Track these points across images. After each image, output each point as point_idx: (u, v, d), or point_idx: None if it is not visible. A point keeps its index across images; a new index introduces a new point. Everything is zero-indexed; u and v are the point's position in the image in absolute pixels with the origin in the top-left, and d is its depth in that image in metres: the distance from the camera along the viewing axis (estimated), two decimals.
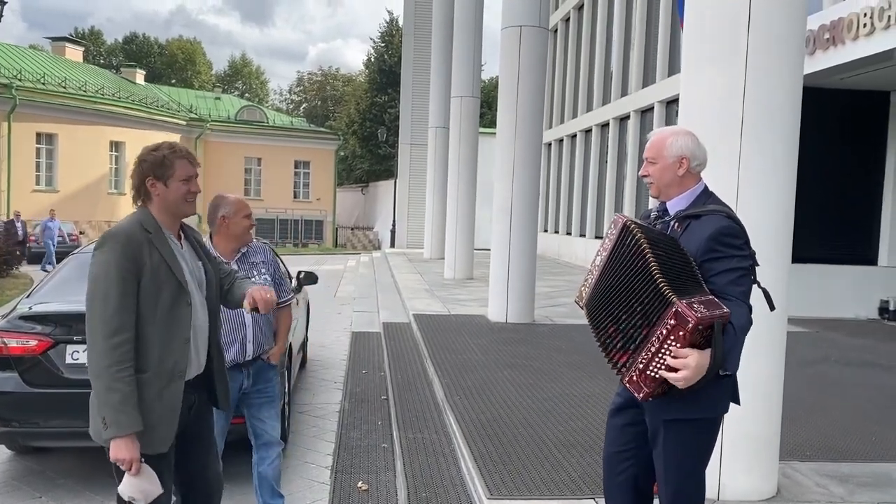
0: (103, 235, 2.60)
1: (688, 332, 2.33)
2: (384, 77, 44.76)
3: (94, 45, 62.12)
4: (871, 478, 4.39)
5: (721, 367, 2.38)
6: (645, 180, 2.75)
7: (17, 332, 4.46)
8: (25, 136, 27.99)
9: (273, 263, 3.80)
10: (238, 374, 3.62)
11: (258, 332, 3.66)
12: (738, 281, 2.47)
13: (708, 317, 2.35)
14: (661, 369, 2.40)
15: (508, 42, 10.10)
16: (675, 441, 2.60)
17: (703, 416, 2.59)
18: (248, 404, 3.74)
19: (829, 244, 11.60)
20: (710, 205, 2.63)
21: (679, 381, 2.36)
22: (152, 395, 2.53)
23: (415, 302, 11.78)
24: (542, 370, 7.11)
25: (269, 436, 3.76)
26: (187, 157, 2.67)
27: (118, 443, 2.43)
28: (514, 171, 10.01)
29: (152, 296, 2.53)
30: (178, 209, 2.67)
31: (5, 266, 16.55)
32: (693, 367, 2.34)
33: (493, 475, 4.28)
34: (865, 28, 9.12)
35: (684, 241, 2.55)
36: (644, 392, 2.48)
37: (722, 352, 2.36)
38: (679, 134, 2.71)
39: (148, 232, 2.58)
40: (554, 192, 24.83)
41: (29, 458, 5.14)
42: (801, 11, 3.90)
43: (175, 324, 2.58)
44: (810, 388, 6.73)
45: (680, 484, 2.64)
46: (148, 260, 2.53)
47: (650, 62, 17.29)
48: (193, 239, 2.83)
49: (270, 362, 3.76)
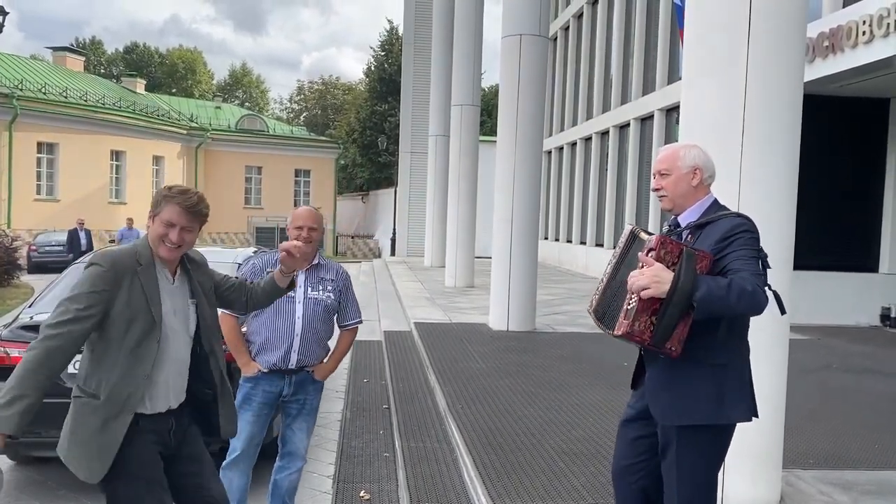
0: (97, 253, 2.68)
1: (653, 248, 2.39)
2: (384, 86, 44.86)
3: (94, 55, 62.31)
4: (875, 485, 4.38)
5: (688, 292, 2.34)
6: (657, 194, 2.77)
7: (20, 342, 4.46)
8: (26, 146, 28.04)
9: (344, 286, 3.81)
10: (279, 380, 3.67)
11: (305, 344, 3.66)
12: (749, 263, 2.46)
13: (676, 242, 2.42)
14: (635, 295, 2.41)
15: (508, 51, 10.13)
16: (687, 449, 2.58)
17: (716, 422, 2.58)
18: (285, 412, 3.80)
19: (831, 251, 11.60)
20: (721, 212, 2.66)
21: (640, 282, 2.36)
22: (96, 425, 2.56)
23: (416, 310, 11.77)
24: (543, 378, 7.10)
25: (294, 446, 3.79)
26: (181, 205, 2.63)
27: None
28: (515, 180, 10.03)
29: (123, 325, 2.56)
30: (156, 247, 2.68)
31: (6, 276, 16.57)
32: (651, 273, 2.35)
33: (495, 484, 4.27)
34: (864, 36, 9.15)
35: (698, 245, 2.56)
36: (625, 326, 2.45)
37: (691, 278, 2.34)
38: (690, 147, 2.77)
39: (139, 263, 2.63)
40: (554, 200, 24.86)
41: (30, 468, 5.13)
42: (800, 21, 3.92)
43: (139, 357, 2.59)
44: (812, 395, 6.72)
45: (692, 495, 2.62)
46: (126, 289, 2.57)
47: (650, 70, 17.34)
48: (196, 279, 2.82)
49: (316, 377, 3.77)
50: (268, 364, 3.63)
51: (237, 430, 3.02)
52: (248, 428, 3.64)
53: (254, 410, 3.68)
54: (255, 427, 3.70)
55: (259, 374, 3.65)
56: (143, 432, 2.65)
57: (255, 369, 3.65)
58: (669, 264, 2.39)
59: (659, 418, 2.64)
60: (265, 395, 3.68)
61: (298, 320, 3.62)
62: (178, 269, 2.78)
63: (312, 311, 3.65)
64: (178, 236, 2.64)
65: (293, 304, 3.62)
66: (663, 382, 2.61)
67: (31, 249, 23.16)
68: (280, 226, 38.62)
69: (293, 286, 3.16)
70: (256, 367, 3.65)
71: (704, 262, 2.44)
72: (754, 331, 3.77)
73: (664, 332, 2.41)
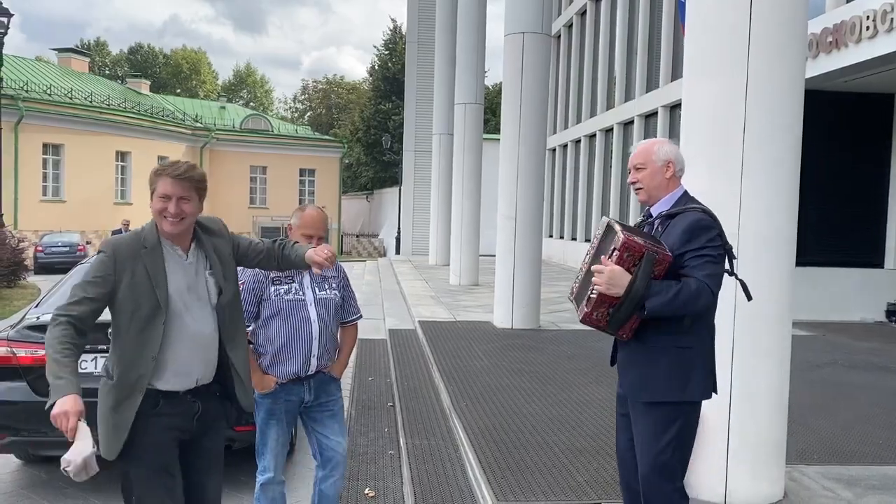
0: (103, 240, 2.77)
1: (617, 249, 2.59)
2: (388, 84, 44.87)
3: (99, 56, 62.51)
4: (879, 481, 4.38)
5: (640, 297, 2.58)
6: (634, 187, 2.96)
7: (27, 342, 4.49)
8: (32, 147, 28.15)
9: (344, 282, 3.73)
10: (298, 388, 3.49)
11: (323, 346, 3.50)
12: (703, 265, 2.69)
13: (640, 244, 2.59)
14: (594, 290, 2.64)
15: (511, 49, 10.13)
16: (652, 424, 2.78)
17: (681, 399, 2.76)
18: (312, 419, 3.60)
19: (835, 247, 11.58)
20: (689, 205, 2.84)
21: (598, 282, 2.62)
22: (111, 404, 2.63)
23: (420, 308, 11.80)
24: (548, 376, 7.11)
25: (332, 452, 3.59)
26: (171, 175, 2.67)
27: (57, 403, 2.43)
28: (519, 178, 10.03)
29: (128, 309, 2.62)
30: (160, 224, 2.72)
31: (13, 276, 16.64)
32: (608, 272, 2.59)
33: (500, 481, 4.28)
34: (868, 31, 9.12)
35: (665, 238, 2.77)
36: (584, 313, 2.73)
37: (645, 283, 2.58)
38: (663, 142, 2.98)
39: (144, 247, 2.68)
40: (558, 198, 24.84)
41: (37, 467, 5.17)
42: (802, 18, 3.92)
43: (146, 340, 2.64)
44: (816, 391, 6.72)
45: (653, 469, 2.77)
46: (129, 273, 2.62)
47: (653, 67, 17.31)
48: (211, 248, 2.84)
49: (333, 375, 3.63)
50: (286, 374, 3.42)
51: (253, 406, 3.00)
52: (275, 446, 3.47)
53: (281, 427, 3.48)
54: (284, 440, 3.52)
55: (277, 387, 3.43)
56: (161, 415, 2.67)
57: (272, 384, 3.41)
58: (629, 266, 2.59)
59: (627, 394, 2.88)
60: (287, 405, 3.48)
61: (315, 323, 3.45)
62: (193, 244, 2.80)
63: (325, 312, 3.52)
64: (177, 207, 2.66)
65: (305, 307, 3.45)
66: (633, 361, 2.84)
67: (37, 250, 23.25)
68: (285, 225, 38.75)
69: None
70: (273, 380, 3.41)
71: (663, 265, 2.64)
72: (757, 327, 3.81)
73: (617, 323, 2.70)
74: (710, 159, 3.87)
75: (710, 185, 3.80)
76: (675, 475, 2.80)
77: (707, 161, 3.88)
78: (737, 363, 3.80)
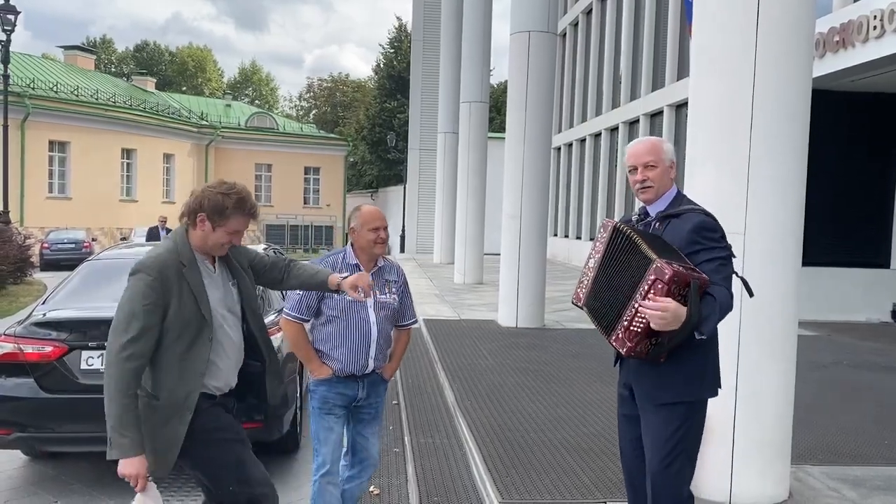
0: (138, 262, 2.66)
1: (664, 283, 2.49)
2: (393, 83, 44.85)
3: (105, 54, 62.64)
4: (884, 481, 4.37)
5: (696, 326, 2.52)
6: (642, 185, 2.90)
7: (33, 339, 4.51)
8: (38, 144, 28.26)
9: (404, 287, 3.72)
10: (354, 384, 3.52)
11: (379, 349, 3.54)
12: (719, 269, 2.67)
13: (685, 273, 2.51)
14: (642, 322, 2.55)
15: (517, 47, 10.13)
16: (664, 424, 2.75)
17: (699, 398, 2.77)
18: (357, 418, 3.63)
19: (841, 247, 11.55)
20: (685, 205, 2.85)
21: (658, 322, 2.48)
22: (159, 421, 2.63)
23: (425, 307, 11.80)
24: (553, 375, 7.11)
25: (368, 453, 3.65)
26: (250, 215, 2.74)
27: (124, 462, 2.53)
28: (524, 176, 10.04)
29: (177, 329, 2.63)
30: (211, 250, 2.76)
31: (19, 273, 16.71)
32: (671, 310, 2.48)
33: (504, 479, 4.29)
34: (875, 30, 9.09)
35: (667, 237, 2.75)
36: (627, 347, 2.62)
37: (698, 310, 2.52)
38: (665, 141, 2.99)
39: (183, 265, 2.66)
40: (563, 197, 24.82)
41: (44, 463, 5.19)
42: (809, 17, 3.91)
43: (193, 358, 2.67)
44: (821, 391, 6.70)
45: (662, 467, 2.75)
46: (176, 295, 2.62)
47: (659, 66, 17.29)
48: (232, 258, 2.90)
49: (384, 377, 3.68)
50: (342, 371, 3.47)
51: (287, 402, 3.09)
52: (330, 436, 3.49)
53: (335, 413, 3.50)
54: (339, 430, 3.53)
55: (332, 377, 3.48)
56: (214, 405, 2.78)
57: (327, 372, 3.47)
58: (677, 296, 2.52)
59: (644, 398, 2.82)
60: (341, 397, 3.51)
61: (373, 326, 3.47)
62: (216, 257, 2.85)
63: (384, 315, 3.53)
64: (239, 238, 2.77)
65: (366, 309, 3.46)
66: (650, 365, 2.75)
67: (43, 247, 23.36)
68: (290, 223, 38.81)
69: (338, 290, 3.13)
70: (328, 370, 3.46)
71: (703, 289, 2.59)
72: (763, 326, 3.81)
73: (661, 351, 2.63)
74: (717, 158, 3.87)
75: (716, 184, 3.80)
76: (685, 474, 2.79)
77: (714, 160, 3.88)
78: (742, 363, 3.80)
